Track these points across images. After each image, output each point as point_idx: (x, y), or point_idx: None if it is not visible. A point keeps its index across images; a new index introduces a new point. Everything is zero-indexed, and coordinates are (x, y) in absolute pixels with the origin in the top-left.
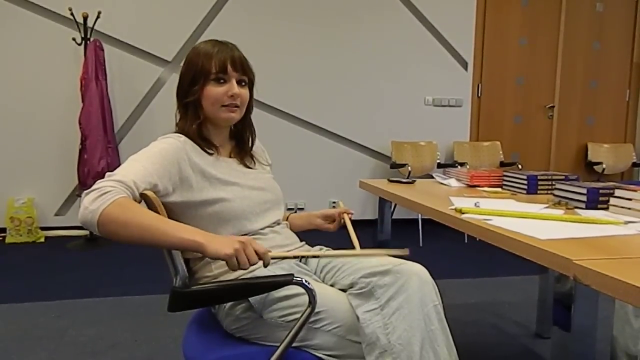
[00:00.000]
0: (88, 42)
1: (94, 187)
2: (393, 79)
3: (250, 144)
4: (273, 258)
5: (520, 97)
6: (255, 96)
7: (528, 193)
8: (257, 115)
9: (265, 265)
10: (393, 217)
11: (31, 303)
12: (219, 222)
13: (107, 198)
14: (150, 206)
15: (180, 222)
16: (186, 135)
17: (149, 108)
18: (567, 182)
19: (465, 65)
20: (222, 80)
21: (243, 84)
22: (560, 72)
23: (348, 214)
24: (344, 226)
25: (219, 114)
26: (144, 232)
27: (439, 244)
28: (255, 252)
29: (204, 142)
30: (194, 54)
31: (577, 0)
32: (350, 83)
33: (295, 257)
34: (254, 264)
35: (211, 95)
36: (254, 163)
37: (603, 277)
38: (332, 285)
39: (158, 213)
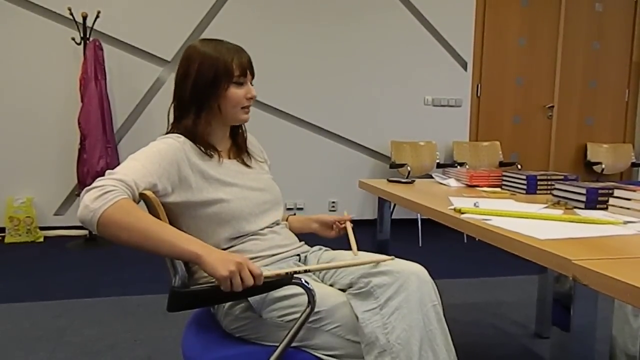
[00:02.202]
0: (87, 41)
1: (94, 184)
2: (392, 78)
3: (245, 139)
4: (267, 277)
5: (520, 97)
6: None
7: (527, 193)
8: (256, 115)
9: (257, 286)
10: (392, 217)
11: (30, 303)
12: (218, 222)
13: (108, 198)
14: (150, 206)
15: (179, 222)
16: (189, 136)
17: (148, 108)
18: (566, 182)
19: (464, 65)
20: (240, 83)
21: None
22: (559, 72)
23: (349, 221)
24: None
25: (238, 116)
26: (144, 238)
27: (438, 244)
28: (253, 273)
29: (204, 145)
30: (205, 55)
31: (576, 0)
32: (349, 83)
33: (287, 275)
34: (247, 287)
35: (234, 98)
36: (251, 160)
37: (602, 277)
38: (331, 285)
39: (157, 213)
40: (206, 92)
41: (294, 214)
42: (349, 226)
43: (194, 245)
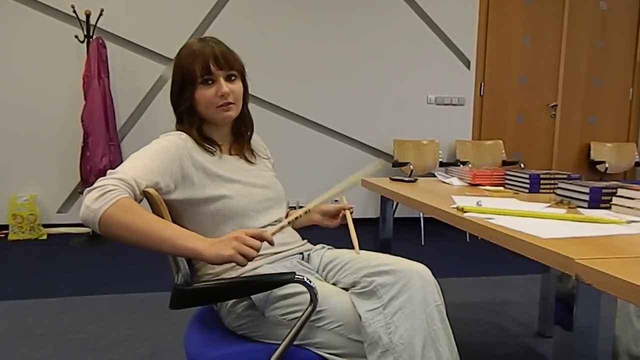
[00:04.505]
0: (91, 39)
1: (95, 185)
2: (395, 77)
3: (248, 136)
4: (273, 234)
5: (523, 96)
6: (257, 94)
7: (530, 192)
8: (259, 113)
9: (271, 243)
10: (395, 216)
11: (33, 300)
12: (221, 219)
13: (109, 197)
14: (152, 204)
15: (182, 219)
16: (190, 134)
17: (151, 106)
18: (570, 181)
19: (467, 63)
20: (210, 82)
21: (232, 78)
22: (563, 71)
23: (349, 209)
24: (346, 223)
25: (215, 115)
26: (144, 236)
27: (440, 243)
28: (253, 237)
29: (206, 142)
30: (177, 59)
31: None
32: (352, 81)
33: (290, 223)
34: (259, 250)
35: (203, 100)
36: (254, 157)
37: (605, 276)
38: (334, 284)
39: (160, 210)
40: (179, 98)
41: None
42: (349, 217)
43: (194, 242)
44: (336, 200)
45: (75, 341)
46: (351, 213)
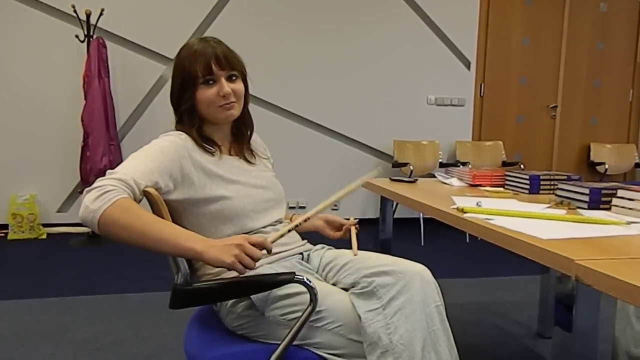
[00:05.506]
0: (91, 39)
1: (94, 185)
2: (395, 77)
3: (248, 136)
4: (273, 241)
5: (523, 96)
6: (258, 94)
7: (530, 193)
8: (259, 113)
9: (269, 252)
10: (395, 216)
11: (33, 300)
12: (221, 220)
13: (108, 198)
14: (152, 204)
15: (182, 219)
16: (190, 134)
17: (152, 105)
18: (570, 182)
19: (468, 64)
20: (211, 82)
21: (234, 78)
22: (563, 72)
23: (355, 226)
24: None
25: (216, 115)
26: (143, 237)
27: (440, 243)
28: (255, 245)
29: (206, 142)
30: (178, 59)
31: None
32: (352, 82)
33: (290, 231)
34: (259, 259)
35: (204, 100)
36: (254, 157)
37: (605, 277)
38: (334, 284)
39: (160, 210)
40: (180, 98)
41: (297, 214)
42: (354, 231)
43: (194, 242)
44: (335, 208)
45: (74, 341)
46: (357, 230)
